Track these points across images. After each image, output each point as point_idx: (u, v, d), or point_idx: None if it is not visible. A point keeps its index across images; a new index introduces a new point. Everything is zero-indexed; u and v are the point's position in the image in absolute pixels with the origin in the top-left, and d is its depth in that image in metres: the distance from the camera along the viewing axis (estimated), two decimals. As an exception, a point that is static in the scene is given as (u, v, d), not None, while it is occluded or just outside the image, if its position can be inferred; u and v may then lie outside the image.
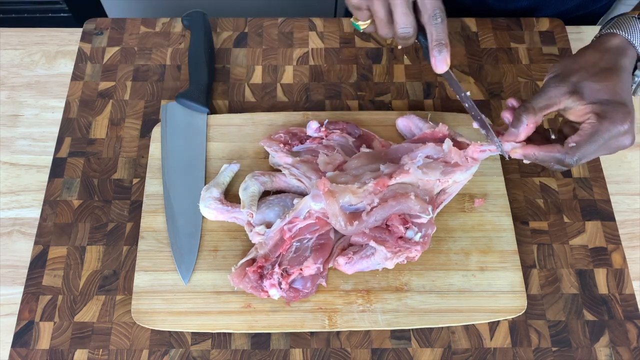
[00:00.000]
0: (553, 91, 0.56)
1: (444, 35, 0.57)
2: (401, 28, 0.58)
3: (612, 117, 0.53)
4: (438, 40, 0.57)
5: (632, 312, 0.65)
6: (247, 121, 0.75)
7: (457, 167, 0.64)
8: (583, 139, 0.54)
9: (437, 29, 0.57)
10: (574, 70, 0.56)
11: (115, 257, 0.68)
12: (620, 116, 0.53)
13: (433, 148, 0.65)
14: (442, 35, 0.57)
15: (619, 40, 0.58)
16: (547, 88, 0.56)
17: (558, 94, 0.56)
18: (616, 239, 0.69)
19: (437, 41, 0.57)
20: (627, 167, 0.75)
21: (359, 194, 0.63)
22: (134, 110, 0.78)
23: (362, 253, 0.63)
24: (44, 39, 0.85)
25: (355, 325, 0.63)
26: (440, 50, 0.57)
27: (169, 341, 0.63)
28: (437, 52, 0.57)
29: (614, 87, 0.55)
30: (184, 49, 0.83)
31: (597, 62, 0.56)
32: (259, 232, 0.64)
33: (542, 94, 0.56)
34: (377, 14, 0.58)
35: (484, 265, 0.66)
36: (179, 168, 0.71)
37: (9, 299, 0.66)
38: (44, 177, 0.73)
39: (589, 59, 0.57)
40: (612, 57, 0.57)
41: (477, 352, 0.63)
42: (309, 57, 0.83)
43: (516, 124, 0.57)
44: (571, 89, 0.55)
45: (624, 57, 0.57)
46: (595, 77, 0.55)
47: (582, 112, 0.55)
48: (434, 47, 0.57)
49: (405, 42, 0.60)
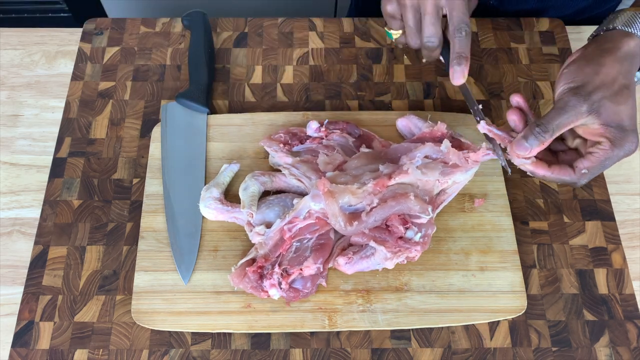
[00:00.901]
0: (574, 110, 0.53)
1: (467, 49, 0.58)
2: (427, 37, 0.59)
3: (622, 144, 0.53)
4: (459, 53, 0.58)
5: (632, 312, 0.65)
6: (247, 121, 0.75)
7: (457, 167, 0.64)
8: (595, 165, 0.54)
9: (460, 41, 0.58)
10: (596, 86, 0.53)
11: (115, 257, 0.68)
12: (628, 144, 0.53)
13: (432, 148, 0.65)
14: (465, 49, 0.58)
15: (635, 43, 0.55)
16: (567, 105, 0.53)
17: (577, 113, 0.53)
18: (616, 239, 0.69)
19: (458, 53, 0.58)
20: (627, 167, 0.75)
21: (359, 194, 0.63)
22: (134, 110, 0.78)
23: (362, 253, 0.63)
24: (44, 39, 0.85)
25: (355, 325, 0.63)
26: (460, 62, 0.58)
27: (169, 341, 0.63)
28: (456, 64, 0.58)
29: (629, 112, 0.54)
30: (184, 49, 0.83)
31: (617, 77, 0.54)
32: (259, 232, 0.64)
33: (562, 112, 0.53)
34: (408, 22, 0.60)
35: (484, 265, 0.66)
36: (179, 168, 0.71)
37: (9, 299, 0.66)
38: (44, 177, 0.73)
39: (610, 72, 0.54)
40: (629, 69, 0.55)
41: (477, 352, 0.63)
42: (309, 57, 0.83)
43: (531, 141, 0.54)
44: (591, 107, 0.53)
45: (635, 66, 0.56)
46: (615, 97, 0.53)
47: (596, 132, 0.54)
48: (454, 58, 0.58)
49: (430, 53, 0.61)
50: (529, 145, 0.54)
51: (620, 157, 0.54)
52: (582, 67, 0.55)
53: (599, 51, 0.56)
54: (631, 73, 0.55)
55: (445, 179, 0.64)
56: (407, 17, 0.60)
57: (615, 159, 0.54)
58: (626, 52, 0.55)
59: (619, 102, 0.53)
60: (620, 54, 0.55)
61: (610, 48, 0.56)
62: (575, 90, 0.54)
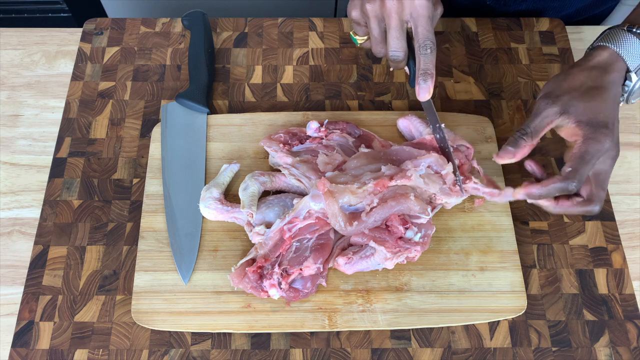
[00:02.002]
0: (545, 112, 0.57)
1: (431, 66, 0.59)
2: (392, 51, 0.60)
3: (595, 137, 0.55)
4: (424, 70, 0.59)
5: (632, 312, 0.65)
6: (247, 121, 0.75)
7: (454, 193, 0.65)
8: (575, 162, 0.55)
9: (425, 58, 0.59)
10: (564, 89, 0.58)
11: (115, 257, 0.68)
12: (601, 137, 0.55)
13: (436, 160, 0.65)
14: (429, 66, 0.59)
15: (608, 54, 0.59)
16: (539, 109, 0.58)
17: (550, 114, 0.57)
18: (616, 239, 0.69)
19: (423, 70, 0.59)
20: (627, 167, 0.75)
21: (359, 194, 0.63)
22: (134, 110, 0.78)
23: (362, 253, 0.63)
24: (44, 39, 0.85)
25: (355, 325, 0.63)
26: (425, 79, 0.59)
27: (169, 341, 0.63)
28: (422, 81, 0.59)
29: (598, 107, 0.56)
30: (184, 49, 0.83)
31: (585, 81, 0.58)
32: (258, 232, 0.64)
33: (536, 116, 0.58)
34: (372, 32, 0.61)
35: (484, 265, 0.66)
36: (179, 168, 0.71)
37: (9, 299, 0.66)
38: (44, 177, 0.73)
39: (578, 78, 0.58)
40: (599, 75, 0.58)
41: (477, 352, 0.63)
42: (309, 57, 0.83)
43: (514, 144, 0.58)
44: (561, 108, 0.57)
45: (611, 72, 0.58)
46: (582, 97, 0.57)
47: (571, 131, 0.57)
48: (419, 75, 0.59)
49: (396, 65, 0.62)
50: (512, 148, 0.57)
51: (599, 151, 0.55)
52: (553, 79, 0.60)
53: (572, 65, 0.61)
54: (601, 78, 0.58)
55: (441, 196, 0.65)
56: (372, 27, 0.61)
57: (595, 154, 0.55)
58: (595, 62, 0.59)
59: (586, 100, 0.56)
60: (588, 65, 0.59)
61: (580, 61, 0.61)
62: (546, 95, 0.58)
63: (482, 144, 0.73)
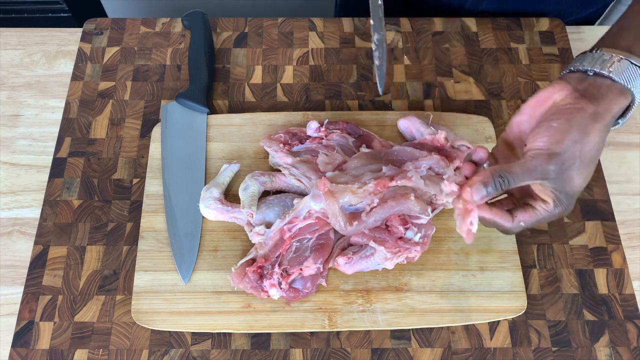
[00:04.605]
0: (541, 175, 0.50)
1: None
2: None
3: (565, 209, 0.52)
4: None
5: (632, 312, 0.65)
6: (247, 121, 0.75)
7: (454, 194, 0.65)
8: (533, 220, 0.53)
9: None
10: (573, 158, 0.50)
11: (115, 257, 0.68)
12: (569, 208, 0.52)
13: (437, 162, 0.65)
14: None
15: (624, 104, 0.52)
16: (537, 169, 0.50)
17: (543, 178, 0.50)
18: (616, 239, 0.69)
19: None
20: (627, 167, 0.75)
21: (359, 194, 0.63)
22: (134, 110, 0.78)
23: (362, 253, 0.63)
24: (44, 39, 0.85)
25: (355, 325, 0.63)
26: None
27: (169, 341, 0.63)
28: None
29: (585, 182, 0.52)
30: (184, 49, 0.83)
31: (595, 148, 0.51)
32: (258, 232, 0.64)
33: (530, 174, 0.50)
34: None
35: (484, 265, 0.66)
36: (179, 168, 0.71)
37: (9, 299, 0.66)
38: (44, 177, 0.73)
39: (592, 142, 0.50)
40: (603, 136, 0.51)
41: (477, 352, 0.63)
42: (309, 57, 0.83)
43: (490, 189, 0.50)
44: (557, 175, 0.50)
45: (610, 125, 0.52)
46: (582, 169, 0.51)
47: (546, 192, 0.52)
48: None
49: None
50: (487, 193, 0.50)
51: (555, 216, 0.53)
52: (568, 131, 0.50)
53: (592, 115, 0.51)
54: (602, 141, 0.51)
55: (441, 197, 0.65)
56: None
57: (551, 218, 0.53)
58: (614, 115, 0.52)
59: (583, 174, 0.51)
60: (609, 120, 0.51)
61: (602, 112, 0.51)
62: (552, 157, 0.50)
63: (482, 144, 0.73)
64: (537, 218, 0.53)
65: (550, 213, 0.53)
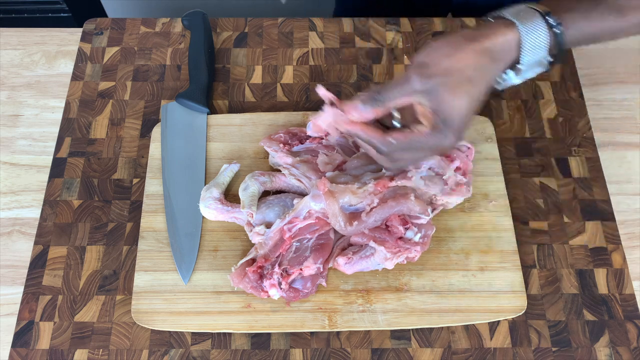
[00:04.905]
0: (409, 86, 0.51)
1: None
2: None
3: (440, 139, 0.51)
4: None
5: (632, 312, 0.65)
6: (247, 121, 0.75)
7: (455, 192, 0.65)
8: (404, 140, 0.52)
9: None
10: (442, 68, 0.50)
11: (115, 257, 0.68)
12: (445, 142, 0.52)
13: (437, 162, 0.65)
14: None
15: (511, 38, 0.51)
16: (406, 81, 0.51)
17: (412, 91, 0.51)
18: (616, 239, 0.69)
19: None
20: (627, 167, 0.75)
21: (359, 194, 0.63)
22: (134, 110, 0.78)
23: (362, 253, 0.63)
24: (44, 39, 0.85)
25: (355, 325, 0.63)
26: None
27: (169, 341, 0.63)
28: None
29: (461, 110, 0.51)
30: (184, 49, 0.83)
31: (465, 68, 0.50)
32: (258, 232, 0.64)
33: (399, 86, 0.51)
34: None
35: (484, 265, 0.66)
36: (179, 168, 0.71)
37: (9, 299, 0.66)
38: (44, 177, 0.73)
39: (464, 60, 0.50)
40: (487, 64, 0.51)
41: (477, 352, 0.63)
42: (309, 57, 0.83)
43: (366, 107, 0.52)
44: (429, 90, 0.50)
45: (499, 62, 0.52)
46: (454, 89, 0.50)
47: (424, 113, 0.52)
48: None
49: None
50: (363, 109, 0.52)
51: (430, 146, 0.52)
52: (440, 46, 0.52)
53: (468, 35, 0.52)
54: (485, 70, 0.51)
55: (442, 197, 0.65)
56: None
57: (425, 146, 0.52)
58: (492, 45, 0.51)
59: (455, 95, 0.50)
60: (484, 46, 0.51)
61: (478, 36, 0.52)
62: (421, 68, 0.51)
63: (482, 144, 0.73)
64: (410, 139, 0.52)
65: (425, 137, 0.51)
